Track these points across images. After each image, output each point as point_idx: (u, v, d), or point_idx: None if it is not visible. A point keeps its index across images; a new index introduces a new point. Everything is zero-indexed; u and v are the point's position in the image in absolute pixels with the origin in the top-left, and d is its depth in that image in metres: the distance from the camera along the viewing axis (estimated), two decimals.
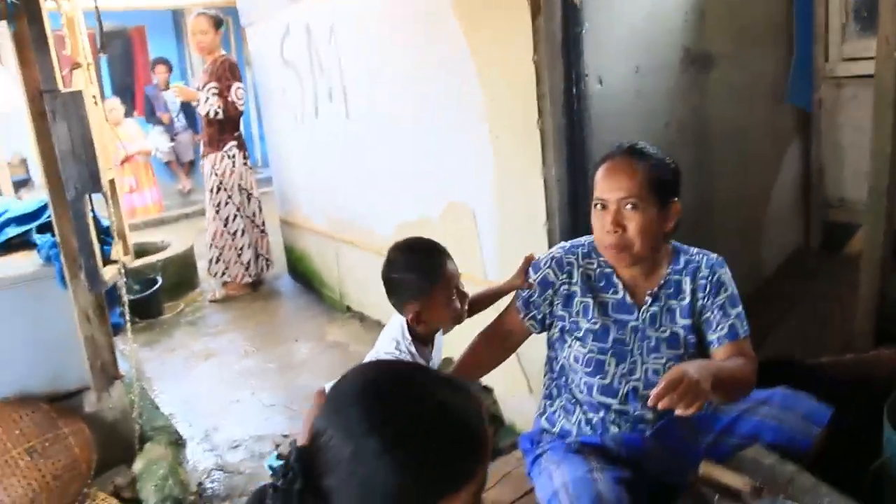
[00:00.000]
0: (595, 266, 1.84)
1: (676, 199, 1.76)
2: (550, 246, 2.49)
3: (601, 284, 1.82)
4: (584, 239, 1.91)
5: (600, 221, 1.75)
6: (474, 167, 2.96)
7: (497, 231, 2.92)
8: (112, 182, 3.03)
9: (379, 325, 4.40)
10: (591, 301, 1.82)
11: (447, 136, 3.14)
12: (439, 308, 1.66)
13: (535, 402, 2.88)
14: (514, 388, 2.98)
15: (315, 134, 4.65)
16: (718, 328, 1.75)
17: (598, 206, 1.75)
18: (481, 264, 3.04)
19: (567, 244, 1.93)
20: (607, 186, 1.72)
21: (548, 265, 1.91)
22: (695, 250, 1.84)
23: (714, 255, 1.83)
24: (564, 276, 1.86)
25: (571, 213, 2.55)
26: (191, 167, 10.16)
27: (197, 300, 5.60)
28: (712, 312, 1.77)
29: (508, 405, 3.08)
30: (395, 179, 3.75)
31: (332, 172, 4.54)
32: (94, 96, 2.85)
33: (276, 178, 5.72)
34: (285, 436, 3.33)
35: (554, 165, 2.50)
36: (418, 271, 1.66)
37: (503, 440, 2.89)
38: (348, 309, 4.82)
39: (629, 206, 1.69)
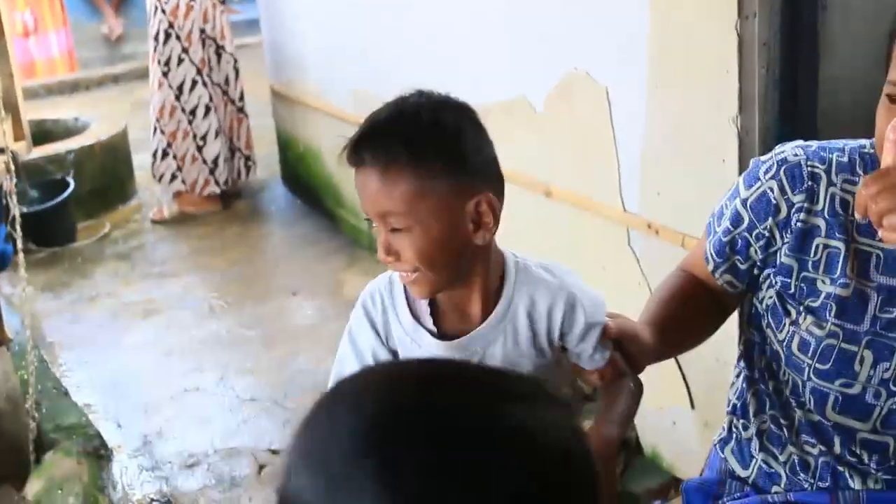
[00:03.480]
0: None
1: None
2: (744, 158, 2.51)
3: (866, 224, 1.73)
4: (842, 143, 1.83)
5: (889, 114, 1.64)
6: (614, 17, 2.98)
7: (648, 126, 2.92)
8: None
9: None
10: (842, 248, 1.77)
11: None
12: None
13: (699, 422, 2.85)
14: (663, 397, 2.99)
15: None
16: None
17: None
18: (616, 185, 3.06)
19: (811, 145, 1.84)
20: None
21: (770, 174, 1.83)
22: None
23: None
24: (801, 196, 1.79)
25: (786, 100, 2.56)
26: None
27: (132, 219, 5.74)
28: None
29: (651, 425, 3.13)
30: (474, 30, 3.78)
31: (365, 16, 4.56)
32: None
33: (267, 22, 5.83)
34: (273, 451, 3.40)
35: (758, 18, 2.49)
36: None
37: (639, 482, 2.92)
38: None
39: None
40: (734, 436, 1.99)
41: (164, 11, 5.34)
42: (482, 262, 1.63)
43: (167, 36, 5.37)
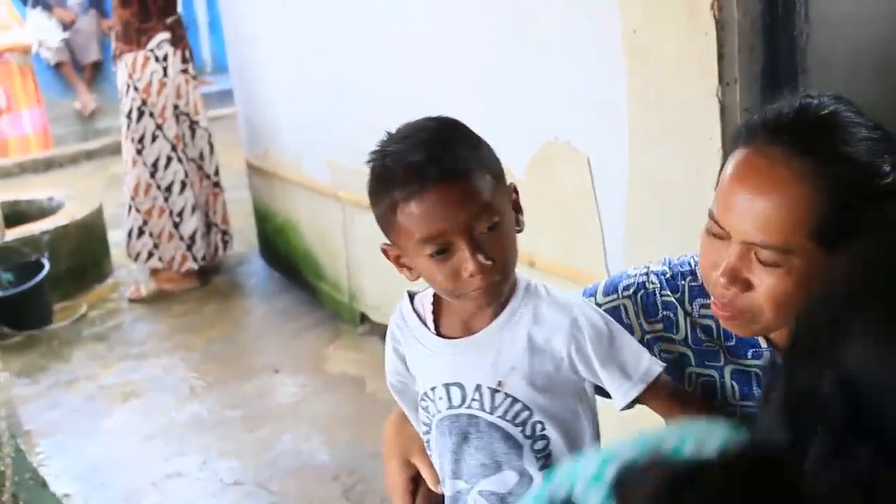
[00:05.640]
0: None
1: None
2: None
3: (734, 344, 1.82)
4: (690, 262, 1.85)
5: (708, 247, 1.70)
6: (592, 84, 2.98)
7: (631, 194, 2.93)
8: None
9: None
10: (716, 375, 1.85)
11: (544, 31, 3.18)
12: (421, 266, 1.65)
13: None
14: None
15: (317, 20, 4.67)
16: None
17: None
18: (600, 250, 3.06)
19: (667, 271, 1.90)
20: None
21: (628, 293, 1.90)
22: None
23: None
24: (658, 325, 1.85)
25: None
26: (95, 73, 10.19)
27: (109, 298, 5.68)
28: None
29: None
30: (451, 100, 3.69)
31: (344, 88, 4.56)
32: None
33: (240, 94, 5.85)
34: None
35: (739, 83, 2.52)
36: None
37: None
38: (363, 319, 4.88)
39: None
40: None
41: (136, 89, 5.33)
42: None
43: (140, 114, 5.36)
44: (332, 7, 4.51)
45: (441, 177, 1.52)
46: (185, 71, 5.44)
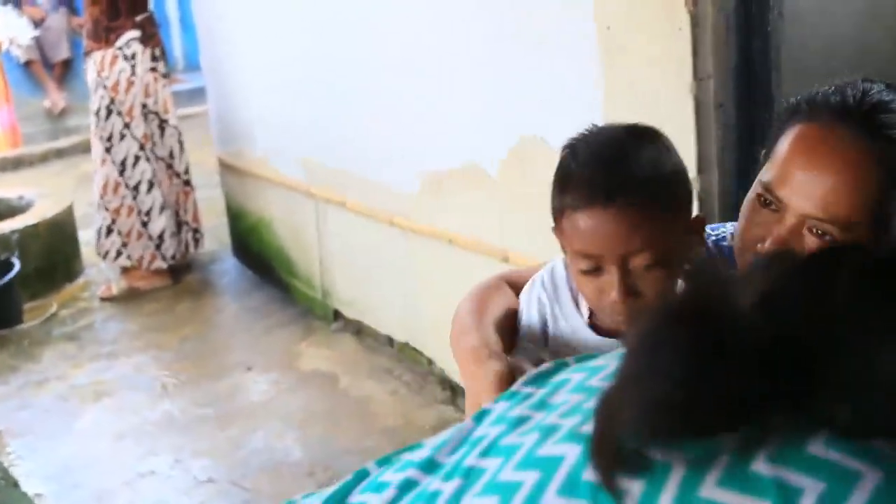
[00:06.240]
0: None
1: None
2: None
3: None
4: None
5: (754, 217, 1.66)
6: (567, 81, 3.00)
7: None
8: None
9: (388, 343, 4.40)
10: None
11: (519, 27, 3.19)
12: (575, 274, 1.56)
13: None
14: None
15: (291, 18, 4.68)
16: None
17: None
18: None
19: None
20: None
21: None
22: None
23: None
24: None
25: (743, 161, 2.59)
26: (66, 71, 10.13)
27: (80, 297, 5.63)
28: None
29: None
30: (426, 100, 3.79)
31: (317, 86, 4.57)
32: None
33: (213, 92, 5.83)
34: None
35: (713, 79, 2.54)
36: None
37: None
38: (336, 316, 4.90)
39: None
40: None
41: (105, 87, 5.29)
42: None
43: (109, 112, 5.33)
44: (306, 4, 4.51)
45: (613, 201, 1.43)
46: (154, 69, 5.40)
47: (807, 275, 0.78)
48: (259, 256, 5.59)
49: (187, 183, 5.63)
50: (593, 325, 1.59)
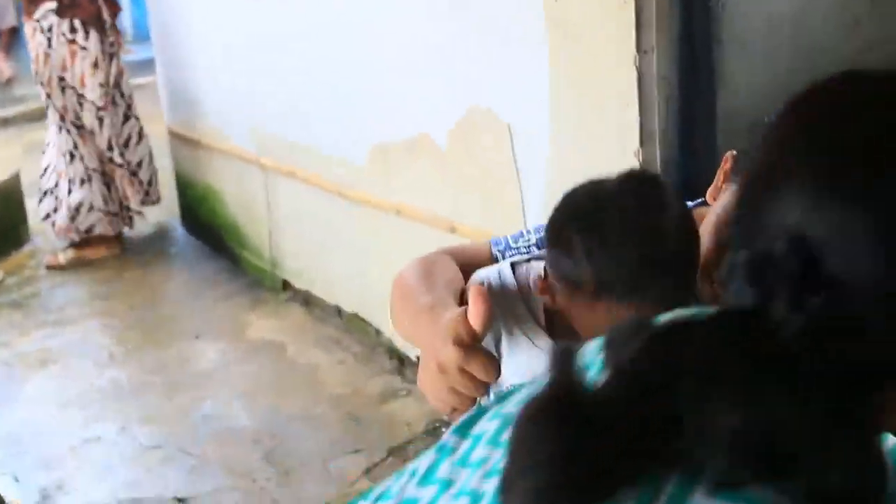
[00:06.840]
0: None
1: None
2: None
3: None
4: None
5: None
6: (513, 51, 3.01)
7: (552, 161, 2.96)
8: None
9: (337, 313, 4.42)
10: None
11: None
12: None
13: None
14: None
15: None
16: None
17: None
18: (521, 221, 3.09)
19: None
20: None
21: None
22: None
23: None
24: None
25: (685, 133, 2.60)
26: (12, 40, 9.97)
27: (27, 265, 5.61)
28: None
29: None
30: (375, 67, 3.79)
31: (267, 57, 4.57)
32: None
33: (162, 62, 5.81)
34: (179, 500, 3.36)
35: (656, 51, 2.54)
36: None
37: None
38: (285, 286, 4.92)
39: None
40: None
41: (33, 59, 5.37)
42: None
43: (38, 82, 5.38)
44: None
45: (647, 301, 1.35)
46: (72, 41, 5.30)
47: (654, 343, 0.82)
48: (209, 227, 5.58)
49: (111, 160, 5.52)
50: (549, 329, 1.55)
